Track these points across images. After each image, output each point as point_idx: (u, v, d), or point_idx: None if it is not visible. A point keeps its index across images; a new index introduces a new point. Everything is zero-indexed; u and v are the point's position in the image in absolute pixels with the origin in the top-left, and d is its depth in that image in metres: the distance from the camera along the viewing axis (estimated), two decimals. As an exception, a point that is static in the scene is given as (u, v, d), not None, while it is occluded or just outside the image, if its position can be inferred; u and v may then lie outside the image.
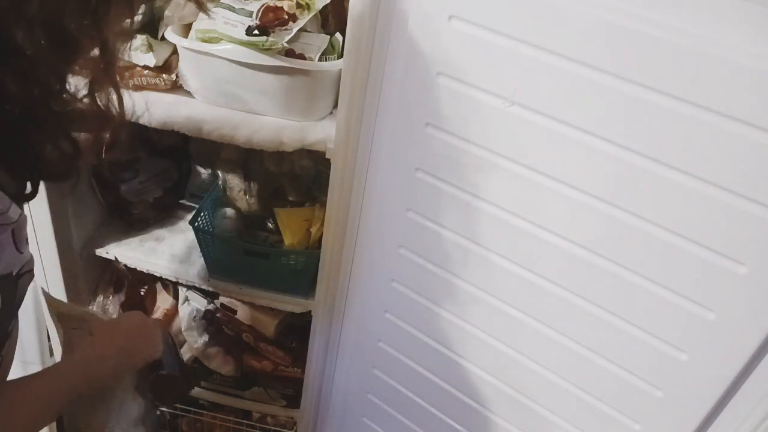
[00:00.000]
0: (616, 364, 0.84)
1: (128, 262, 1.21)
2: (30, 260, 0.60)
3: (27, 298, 0.61)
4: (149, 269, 1.21)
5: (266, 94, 0.95)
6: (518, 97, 0.75)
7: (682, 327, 0.76)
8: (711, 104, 0.63)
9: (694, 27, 0.62)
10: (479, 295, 0.93)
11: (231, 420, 1.47)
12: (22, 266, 0.58)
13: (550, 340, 0.89)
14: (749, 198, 0.65)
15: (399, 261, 0.99)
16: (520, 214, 0.83)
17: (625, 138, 0.70)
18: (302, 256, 1.11)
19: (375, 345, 1.13)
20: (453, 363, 1.03)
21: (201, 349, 1.36)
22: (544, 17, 0.69)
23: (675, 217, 0.71)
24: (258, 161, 1.19)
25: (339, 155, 0.94)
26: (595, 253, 0.79)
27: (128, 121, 0.60)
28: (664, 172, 0.69)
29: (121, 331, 0.80)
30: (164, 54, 0.98)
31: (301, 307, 1.18)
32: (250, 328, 1.31)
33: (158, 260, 1.21)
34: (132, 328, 0.81)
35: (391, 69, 0.83)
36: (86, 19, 0.49)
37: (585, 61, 0.68)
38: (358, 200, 0.97)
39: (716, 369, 0.75)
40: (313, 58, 0.94)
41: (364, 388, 1.22)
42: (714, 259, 0.70)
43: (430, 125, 0.84)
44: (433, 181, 0.88)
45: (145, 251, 1.22)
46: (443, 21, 0.75)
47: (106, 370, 0.73)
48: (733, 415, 0.78)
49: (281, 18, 0.92)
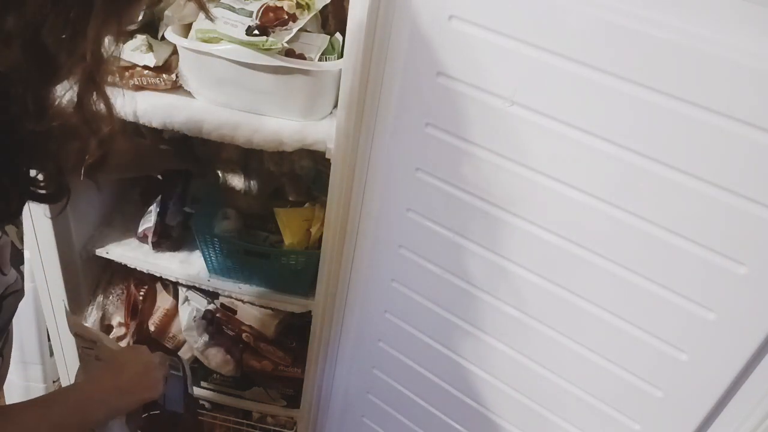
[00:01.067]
0: (617, 364, 0.84)
1: (128, 262, 1.21)
2: (16, 281, 0.58)
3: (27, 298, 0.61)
4: (149, 269, 1.21)
5: (266, 94, 0.95)
6: (518, 97, 0.75)
7: (682, 327, 0.76)
8: (711, 104, 0.63)
9: (694, 27, 0.62)
10: (479, 295, 0.93)
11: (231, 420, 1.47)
12: (6, 288, 0.57)
13: (551, 339, 0.89)
14: (749, 198, 0.65)
15: (399, 261, 0.99)
16: (520, 214, 0.83)
17: (626, 138, 0.70)
18: (302, 256, 1.11)
19: (375, 345, 1.13)
20: (453, 363, 1.03)
21: (201, 349, 1.36)
22: (545, 17, 0.69)
23: (675, 217, 0.71)
24: (258, 161, 1.19)
25: (339, 155, 0.94)
26: (595, 253, 0.79)
27: (120, 134, 0.56)
28: (664, 172, 0.69)
29: (123, 370, 0.77)
30: (164, 54, 0.98)
31: (301, 307, 1.18)
32: (250, 328, 1.31)
33: (158, 260, 1.21)
34: (135, 369, 0.78)
35: (391, 69, 0.83)
36: (65, 34, 0.46)
37: (585, 61, 0.68)
38: (358, 200, 0.97)
39: (716, 369, 0.75)
40: (313, 58, 0.94)
41: (364, 388, 1.22)
42: (714, 259, 0.70)
43: (430, 125, 0.84)
44: (433, 181, 0.88)
45: (145, 251, 1.22)
46: (443, 21, 0.75)
47: (100, 411, 0.73)
48: (733, 415, 0.78)
49: (281, 18, 0.92)
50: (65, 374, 1.38)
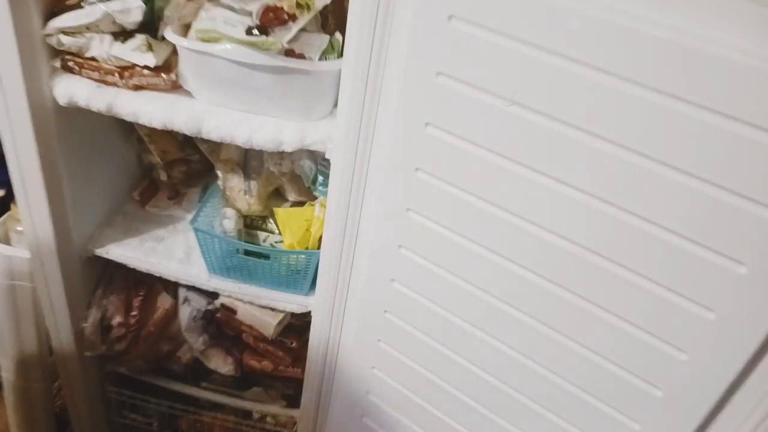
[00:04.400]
0: (616, 363, 0.84)
1: (128, 262, 1.21)
2: None
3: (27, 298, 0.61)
4: (149, 269, 1.21)
5: (266, 94, 0.95)
6: (518, 97, 0.75)
7: (682, 327, 0.76)
8: (712, 104, 0.63)
9: (694, 27, 0.62)
10: (479, 294, 0.93)
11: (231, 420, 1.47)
12: None
13: (551, 339, 0.89)
14: (749, 198, 0.65)
15: (399, 261, 0.99)
16: (520, 214, 0.83)
17: (626, 138, 0.70)
18: (302, 256, 1.11)
19: (375, 345, 1.13)
20: (453, 363, 1.03)
21: (201, 349, 1.36)
22: (544, 17, 0.69)
23: (675, 216, 0.71)
24: (258, 161, 1.20)
25: (339, 155, 0.94)
26: (595, 252, 0.79)
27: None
28: (664, 171, 0.69)
29: None
30: (164, 54, 0.98)
31: (301, 307, 1.18)
32: (250, 328, 1.31)
33: (158, 260, 1.21)
34: None
35: (391, 69, 0.83)
36: None
37: (585, 61, 0.68)
38: (358, 200, 0.97)
39: (716, 369, 0.75)
40: (313, 58, 0.94)
41: (364, 388, 1.22)
42: (714, 259, 0.70)
43: (430, 125, 0.84)
44: (433, 181, 0.88)
45: (145, 251, 1.22)
46: (443, 21, 0.75)
47: None
48: (733, 415, 0.78)
49: (281, 18, 0.92)
50: (65, 374, 1.38)
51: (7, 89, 0.96)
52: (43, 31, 0.96)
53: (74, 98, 0.99)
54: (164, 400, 1.46)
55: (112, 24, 0.95)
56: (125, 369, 1.40)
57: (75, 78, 1.00)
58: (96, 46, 0.96)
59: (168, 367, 1.42)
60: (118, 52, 0.96)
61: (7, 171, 1.08)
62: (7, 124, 1.00)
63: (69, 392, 1.43)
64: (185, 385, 1.43)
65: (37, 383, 1.42)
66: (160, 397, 1.46)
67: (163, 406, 1.47)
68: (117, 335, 1.30)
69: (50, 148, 1.05)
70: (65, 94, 0.99)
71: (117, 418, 1.54)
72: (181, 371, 1.42)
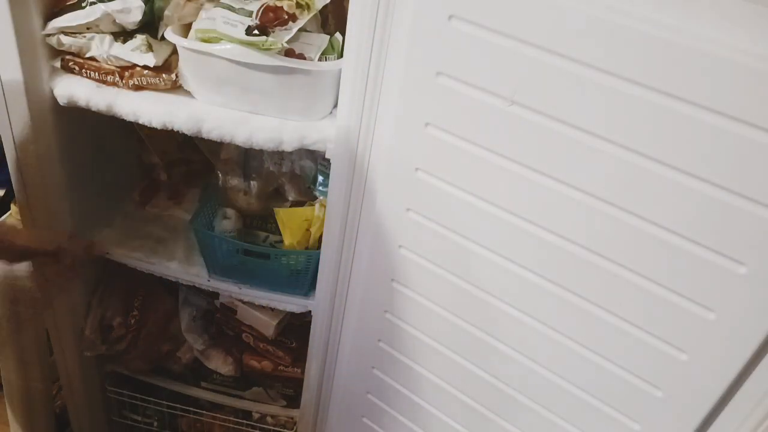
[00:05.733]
0: (616, 364, 0.84)
1: (128, 262, 1.21)
2: None
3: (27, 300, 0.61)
4: (149, 269, 1.21)
5: (266, 93, 0.95)
6: (518, 97, 0.75)
7: (682, 327, 0.76)
8: (712, 104, 0.63)
9: (694, 27, 0.62)
10: (479, 295, 0.93)
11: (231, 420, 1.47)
12: None
13: (551, 339, 0.89)
14: (749, 198, 0.65)
15: (399, 261, 0.99)
16: (520, 214, 0.83)
17: (625, 138, 0.70)
18: (302, 256, 1.11)
19: (375, 345, 1.13)
20: (453, 363, 1.03)
21: (201, 349, 1.36)
22: (544, 17, 0.69)
23: (675, 216, 0.71)
24: (258, 161, 1.20)
25: (339, 155, 0.94)
26: (594, 252, 0.79)
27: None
28: (664, 171, 0.69)
29: None
30: (164, 54, 0.98)
31: (301, 307, 1.18)
32: (250, 328, 1.31)
33: (158, 260, 1.21)
34: None
35: (391, 69, 0.83)
36: None
37: (585, 61, 0.68)
38: (358, 200, 0.97)
39: (716, 369, 0.75)
40: (313, 58, 0.94)
41: (364, 388, 1.22)
42: (714, 259, 0.70)
43: (430, 125, 0.84)
44: (433, 181, 0.88)
45: (145, 251, 1.22)
46: (443, 21, 0.75)
47: None
48: (733, 415, 0.78)
49: (281, 18, 0.92)
50: (65, 374, 1.38)
51: (7, 89, 0.96)
52: (43, 31, 0.96)
53: (74, 98, 0.99)
54: (164, 401, 1.47)
55: (112, 24, 0.95)
56: (125, 369, 1.40)
57: (75, 78, 1.00)
58: (96, 46, 0.96)
59: (168, 367, 1.42)
60: (118, 52, 0.96)
61: (7, 171, 1.08)
62: (7, 124, 1.00)
63: (69, 392, 1.43)
64: (185, 385, 1.43)
65: (37, 383, 1.42)
66: (160, 397, 1.46)
67: (163, 406, 1.47)
68: (117, 335, 1.30)
69: (50, 148, 1.05)
70: (65, 94, 0.99)
71: (117, 418, 1.54)
72: (181, 371, 1.43)
